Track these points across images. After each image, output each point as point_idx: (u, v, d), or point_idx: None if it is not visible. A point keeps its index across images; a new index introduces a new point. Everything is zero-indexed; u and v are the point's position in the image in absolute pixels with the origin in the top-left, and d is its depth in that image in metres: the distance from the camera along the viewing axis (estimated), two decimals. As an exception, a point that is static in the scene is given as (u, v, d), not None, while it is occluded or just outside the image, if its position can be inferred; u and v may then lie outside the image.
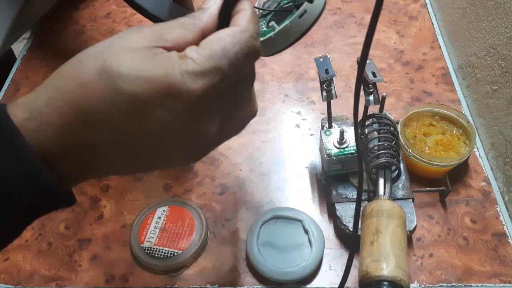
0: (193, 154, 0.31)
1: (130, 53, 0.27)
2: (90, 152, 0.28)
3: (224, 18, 0.31)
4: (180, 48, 0.29)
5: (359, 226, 0.45)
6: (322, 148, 0.55)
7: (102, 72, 0.26)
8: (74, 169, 0.28)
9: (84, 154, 0.28)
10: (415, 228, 0.52)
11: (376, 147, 0.50)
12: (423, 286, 0.51)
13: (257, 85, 0.71)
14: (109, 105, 0.26)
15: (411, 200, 0.54)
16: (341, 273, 0.43)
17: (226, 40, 0.28)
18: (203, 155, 0.32)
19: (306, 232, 0.53)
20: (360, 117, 0.54)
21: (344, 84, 0.71)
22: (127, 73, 0.26)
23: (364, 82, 0.50)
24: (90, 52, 0.28)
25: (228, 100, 0.30)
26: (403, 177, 0.55)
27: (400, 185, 0.55)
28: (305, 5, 0.36)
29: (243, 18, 0.30)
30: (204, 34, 0.30)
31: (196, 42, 0.29)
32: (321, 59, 0.51)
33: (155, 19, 0.40)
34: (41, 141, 0.26)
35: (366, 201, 0.50)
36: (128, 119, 0.27)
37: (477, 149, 0.63)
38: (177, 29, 0.29)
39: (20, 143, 0.25)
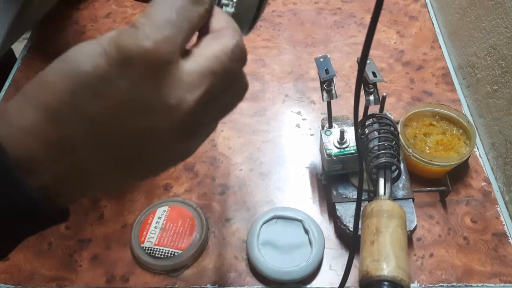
0: (173, 139, 0.27)
1: (85, 43, 0.26)
2: (67, 153, 0.26)
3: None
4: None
5: (359, 226, 0.45)
6: (322, 148, 0.55)
7: (58, 64, 0.25)
8: (54, 177, 0.26)
9: (61, 156, 0.26)
10: (415, 228, 0.52)
11: (376, 147, 0.50)
12: (423, 286, 0.51)
13: (257, 85, 0.71)
14: (71, 93, 0.25)
15: (411, 200, 0.54)
16: (342, 273, 0.43)
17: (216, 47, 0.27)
18: (187, 140, 0.28)
19: (307, 232, 0.53)
20: (360, 117, 0.54)
21: (344, 84, 0.71)
22: (84, 56, 0.25)
23: (364, 82, 0.50)
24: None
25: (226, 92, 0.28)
26: (403, 177, 0.55)
27: (400, 185, 0.55)
28: None
29: (219, 20, 0.29)
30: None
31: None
32: (321, 59, 0.51)
33: None
34: (15, 148, 0.25)
35: (366, 201, 0.50)
36: (93, 99, 0.25)
37: (477, 149, 0.63)
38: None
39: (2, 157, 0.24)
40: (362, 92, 0.48)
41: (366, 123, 0.53)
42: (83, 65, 0.25)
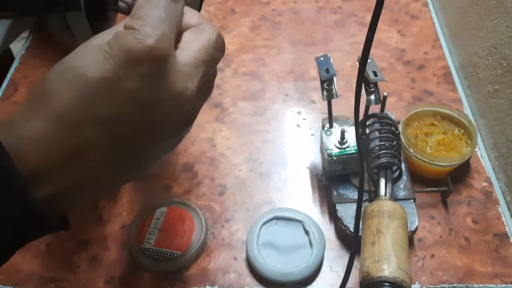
0: (181, 122, 0.30)
1: (84, 49, 0.27)
2: (80, 161, 0.27)
3: None
4: None
5: (360, 227, 0.44)
6: (322, 148, 0.55)
7: (63, 73, 0.26)
8: (62, 185, 0.27)
9: (73, 165, 0.27)
10: (416, 228, 0.52)
11: (377, 147, 0.50)
12: (424, 287, 0.51)
13: (257, 85, 0.71)
14: (82, 99, 0.26)
15: (412, 200, 0.53)
16: (342, 274, 0.43)
17: None
18: (191, 121, 0.31)
19: (307, 233, 0.52)
20: (361, 116, 0.53)
21: (345, 84, 0.70)
22: (88, 62, 0.26)
23: (365, 82, 0.50)
24: (51, 69, 0.28)
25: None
26: (404, 177, 0.55)
27: (401, 186, 0.54)
28: None
29: (192, 17, 0.32)
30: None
31: None
32: (322, 58, 0.51)
33: None
34: (25, 159, 0.25)
35: (367, 202, 0.50)
36: (106, 103, 0.26)
37: (479, 149, 0.62)
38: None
39: (8, 165, 0.25)
40: (363, 92, 0.48)
41: (367, 123, 0.53)
42: (89, 71, 0.26)
